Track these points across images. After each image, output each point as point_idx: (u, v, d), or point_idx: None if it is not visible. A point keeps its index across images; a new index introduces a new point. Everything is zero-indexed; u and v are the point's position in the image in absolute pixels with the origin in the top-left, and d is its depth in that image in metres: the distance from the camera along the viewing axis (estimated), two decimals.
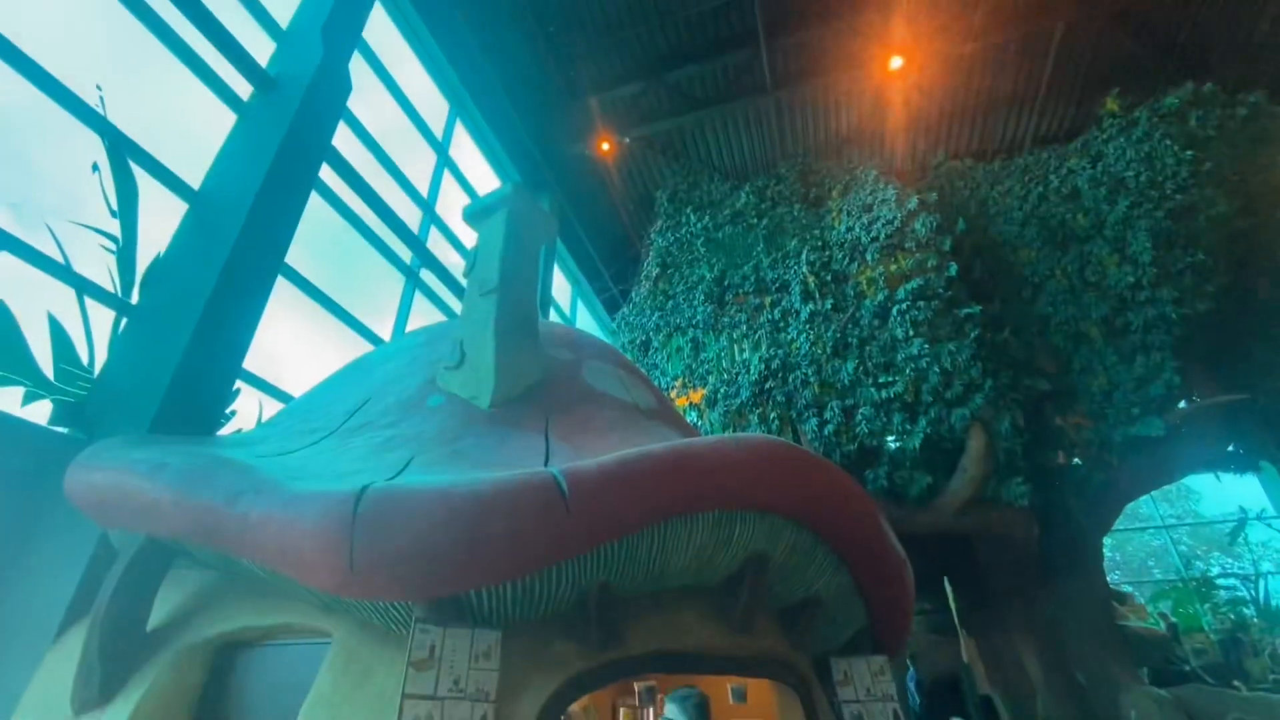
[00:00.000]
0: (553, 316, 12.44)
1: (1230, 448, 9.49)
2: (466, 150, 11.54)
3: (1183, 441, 8.37)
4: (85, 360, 5.06)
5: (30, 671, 3.57)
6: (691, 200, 11.12)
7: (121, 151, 5.44)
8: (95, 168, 5.31)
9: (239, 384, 6.40)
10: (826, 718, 4.50)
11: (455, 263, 9.85)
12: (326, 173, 7.45)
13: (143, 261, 5.50)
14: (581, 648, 3.32)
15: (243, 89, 6.47)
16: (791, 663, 4.46)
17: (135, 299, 5.42)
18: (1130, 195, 8.58)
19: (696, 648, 3.84)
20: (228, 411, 6.29)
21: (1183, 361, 8.08)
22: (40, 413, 4.65)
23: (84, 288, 5.04)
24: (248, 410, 6.40)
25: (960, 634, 5.15)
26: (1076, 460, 8.35)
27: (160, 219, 5.76)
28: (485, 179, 11.77)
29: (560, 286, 14.11)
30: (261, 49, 6.85)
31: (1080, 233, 8.77)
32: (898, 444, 7.67)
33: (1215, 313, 8.25)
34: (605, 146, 12.06)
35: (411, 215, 9.26)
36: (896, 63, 10.94)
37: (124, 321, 5.33)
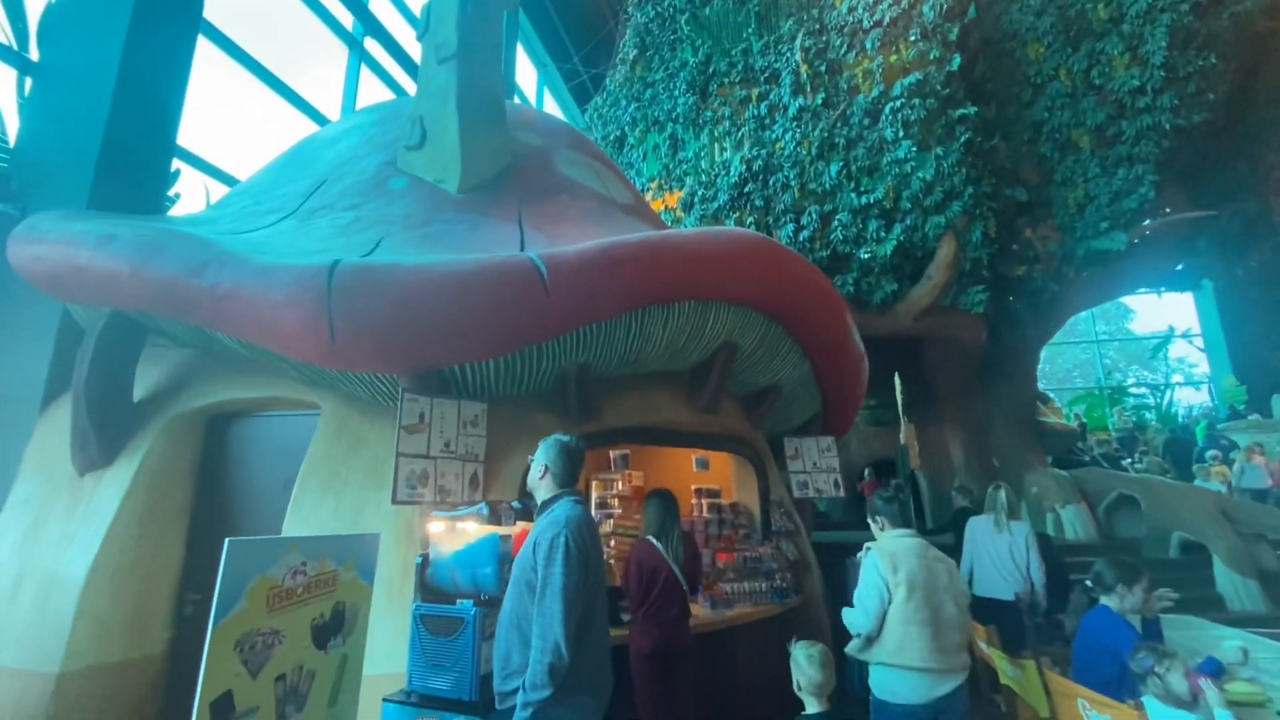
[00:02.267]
0: None
1: (1179, 266, 9.91)
2: None
3: (1138, 258, 8.66)
4: None
5: (19, 441, 3.68)
6: None
7: None
8: None
9: (178, 164, 5.88)
10: (776, 484, 5.11)
11: (404, 32, 8.61)
12: None
13: (35, 8, 4.66)
14: (561, 419, 3.55)
15: None
16: (749, 439, 4.93)
17: (35, 54, 4.69)
18: None
19: (666, 423, 4.17)
20: (171, 194, 5.86)
21: (1161, 177, 8.04)
22: None
23: None
24: (193, 195, 5.95)
25: (903, 420, 5.73)
26: (1035, 273, 8.63)
27: None
28: None
29: (524, 72, 12.64)
30: None
31: (1097, 26, 8.06)
32: (869, 253, 7.72)
33: (1207, 125, 8.04)
34: None
35: None
36: None
37: (29, 82, 4.67)
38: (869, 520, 2.78)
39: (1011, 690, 3.15)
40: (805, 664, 2.14)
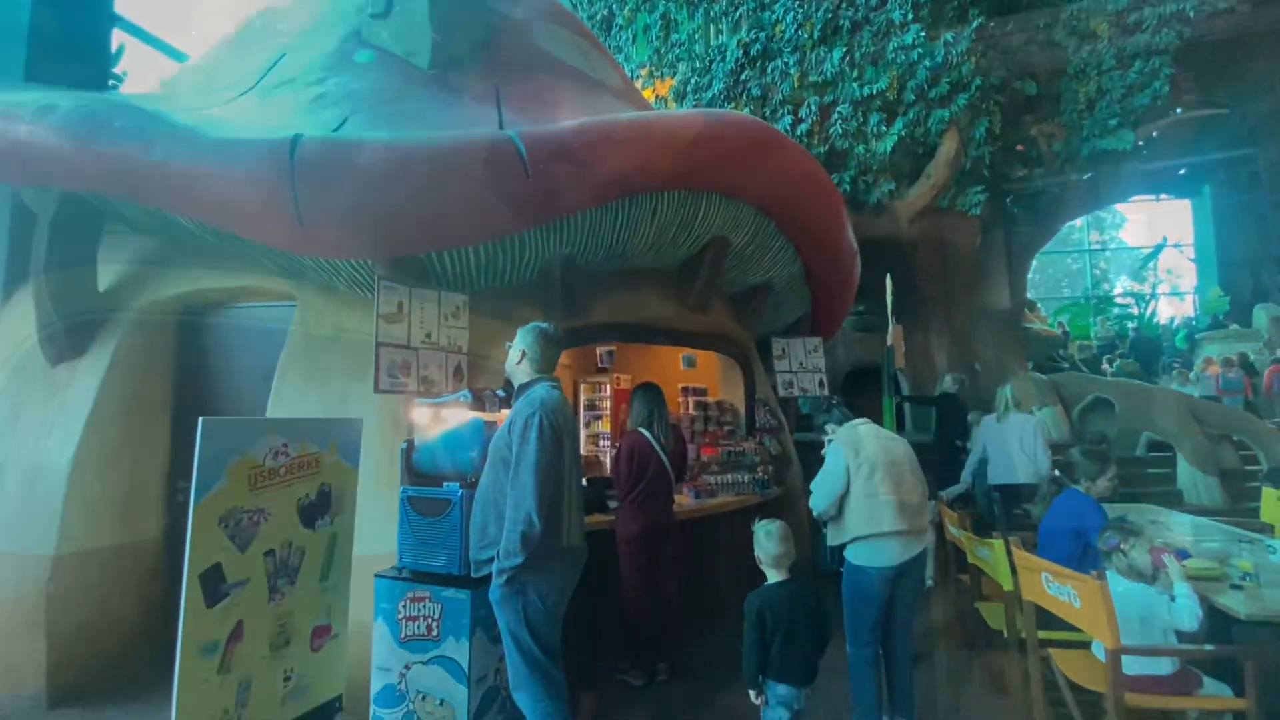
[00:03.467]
0: None
1: (1181, 171, 9.66)
2: None
3: (1142, 160, 8.40)
4: None
5: None
6: None
7: None
8: None
9: (123, 39, 5.38)
10: (763, 383, 5.15)
11: None
12: None
13: None
14: (547, 314, 3.44)
15: None
16: (737, 339, 4.90)
17: None
18: None
19: (653, 320, 4.10)
20: (116, 74, 5.40)
21: (1175, 72, 7.65)
22: None
23: None
24: (141, 78, 5.48)
25: (890, 321, 5.74)
26: (1035, 174, 8.36)
27: None
28: None
29: None
30: None
31: None
32: (868, 150, 7.38)
33: (1230, 15, 7.55)
34: None
35: None
36: None
37: None
38: (824, 431, 2.90)
39: (978, 570, 3.33)
40: (764, 539, 2.25)
